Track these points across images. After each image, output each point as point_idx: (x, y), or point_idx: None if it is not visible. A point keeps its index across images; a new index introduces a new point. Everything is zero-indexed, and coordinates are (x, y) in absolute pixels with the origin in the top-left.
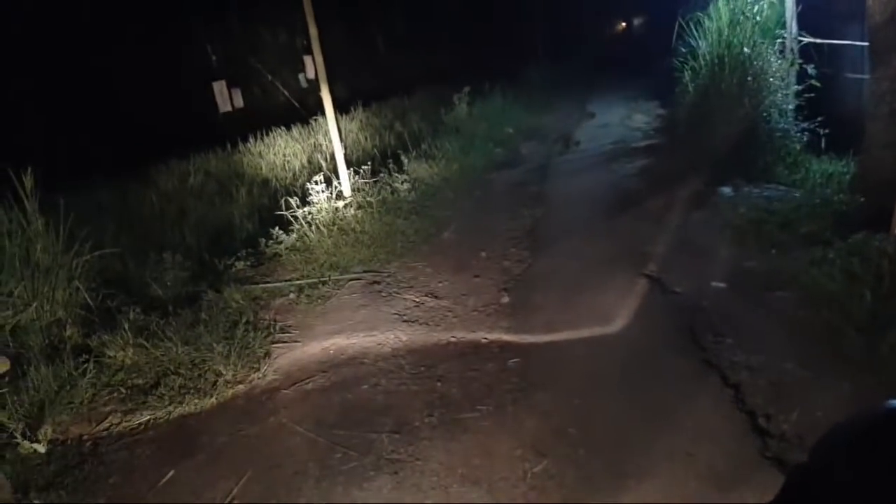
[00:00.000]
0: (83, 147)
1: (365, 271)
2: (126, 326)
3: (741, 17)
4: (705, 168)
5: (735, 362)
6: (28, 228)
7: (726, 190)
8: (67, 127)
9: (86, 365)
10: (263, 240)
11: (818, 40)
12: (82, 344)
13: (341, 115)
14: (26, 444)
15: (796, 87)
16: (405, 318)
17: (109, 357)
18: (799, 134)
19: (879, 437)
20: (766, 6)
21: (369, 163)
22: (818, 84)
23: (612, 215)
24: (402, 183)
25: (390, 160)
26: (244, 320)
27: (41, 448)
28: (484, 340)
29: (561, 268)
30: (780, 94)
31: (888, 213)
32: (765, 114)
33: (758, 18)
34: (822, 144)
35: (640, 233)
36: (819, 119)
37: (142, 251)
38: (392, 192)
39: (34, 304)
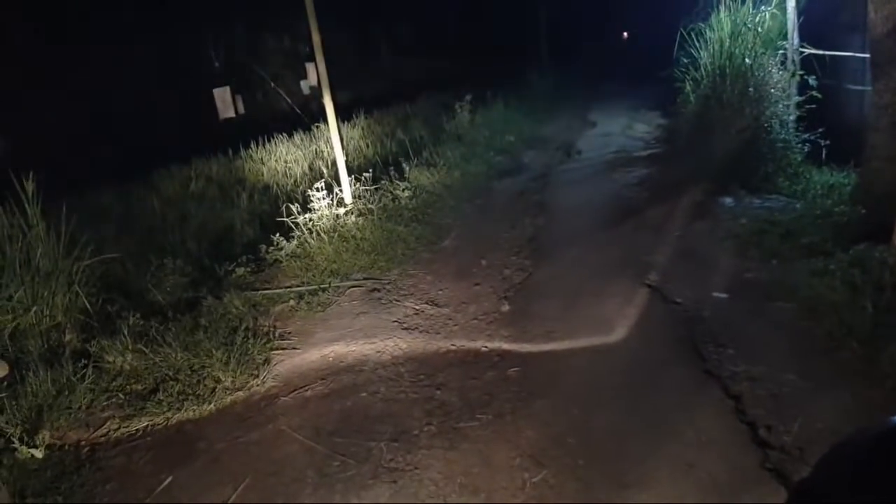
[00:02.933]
0: (86, 151)
1: (365, 278)
2: (125, 332)
3: (743, 28)
4: (706, 178)
5: (736, 373)
6: (29, 233)
7: (727, 200)
8: (70, 131)
9: (84, 370)
10: (264, 246)
11: (820, 51)
12: (81, 349)
13: (343, 121)
14: (24, 449)
15: (797, 98)
16: (405, 325)
17: (108, 362)
18: (800, 145)
19: (882, 454)
20: (767, 17)
21: (371, 170)
22: (819, 95)
23: (614, 225)
24: (404, 190)
25: (392, 167)
26: (244, 327)
27: (38, 453)
28: (484, 349)
29: (562, 277)
30: (781, 105)
31: (889, 224)
32: (766, 124)
33: (759, 30)
34: (823, 155)
35: (640, 242)
36: (820, 130)
37: (142, 256)
38: (393, 200)
39: (34, 309)
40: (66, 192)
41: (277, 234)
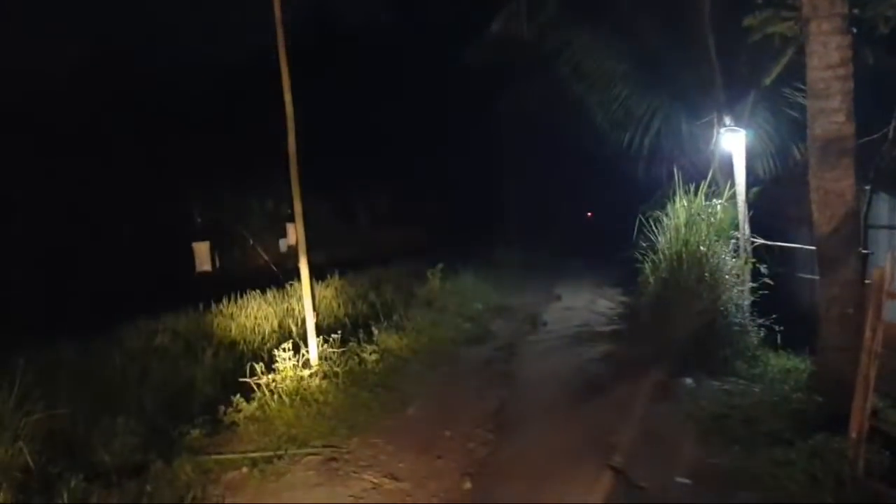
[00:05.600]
0: (54, 302)
1: (324, 446)
2: (65, 496)
3: (697, 218)
4: (667, 358)
5: None
6: None
7: (688, 381)
8: (39, 280)
9: None
10: (222, 407)
11: (769, 242)
12: None
13: (318, 281)
14: None
15: (751, 284)
16: (361, 501)
17: None
18: (756, 329)
19: None
20: (719, 209)
21: (340, 331)
22: (772, 282)
23: (578, 401)
24: (371, 353)
25: (361, 329)
26: (191, 496)
27: None
28: None
29: (526, 454)
30: (736, 291)
31: (845, 414)
32: (722, 308)
33: (713, 220)
34: (779, 340)
35: (605, 421)
36: (774, 315)
37: (96, 413)
38: (360, 363)
39: None
40: (31, 341)
41: (238, 395)
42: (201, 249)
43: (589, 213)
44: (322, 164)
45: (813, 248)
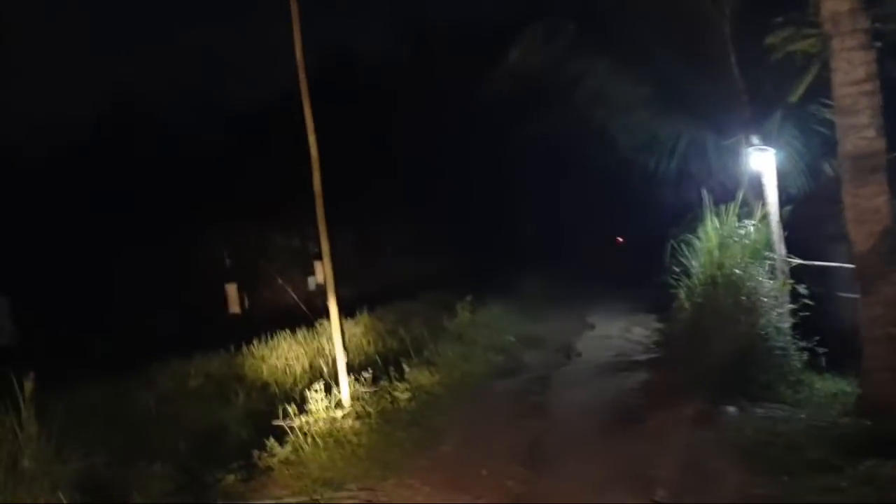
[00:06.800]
0: (87, 344)
1: (360, 489)
2: None
3: (730, 240)
4: (707, 385)
5: None
6: (20, 434)
7: (731, 409)
8: (72, 324)
9: None
10: (256, 451)
11: (806, 262)
12: None
13: (346, 318)
14: None
15: (791, 306)
16: None
17: None
18: (798, 352)
19: None
20: (752, 230)
21: (370, 369)
22: (811, 303)
23: (617, 432)
24: (403, 392)
25: (392, 366)
26: None
27: None
28: None
29: (566, 491)
30: (775, 313)
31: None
32: (762, 332)
33: (746, 241)
34: (823, 362)
35: (645, 453)
36: (817, 337)
37: (132, 457)
38: (392, 402)
39: None
40: (64, 384)
41: (271, 438)
42: (231, 291)
43: (619, 239)
44: (346, 198)
45: (852, 266)
